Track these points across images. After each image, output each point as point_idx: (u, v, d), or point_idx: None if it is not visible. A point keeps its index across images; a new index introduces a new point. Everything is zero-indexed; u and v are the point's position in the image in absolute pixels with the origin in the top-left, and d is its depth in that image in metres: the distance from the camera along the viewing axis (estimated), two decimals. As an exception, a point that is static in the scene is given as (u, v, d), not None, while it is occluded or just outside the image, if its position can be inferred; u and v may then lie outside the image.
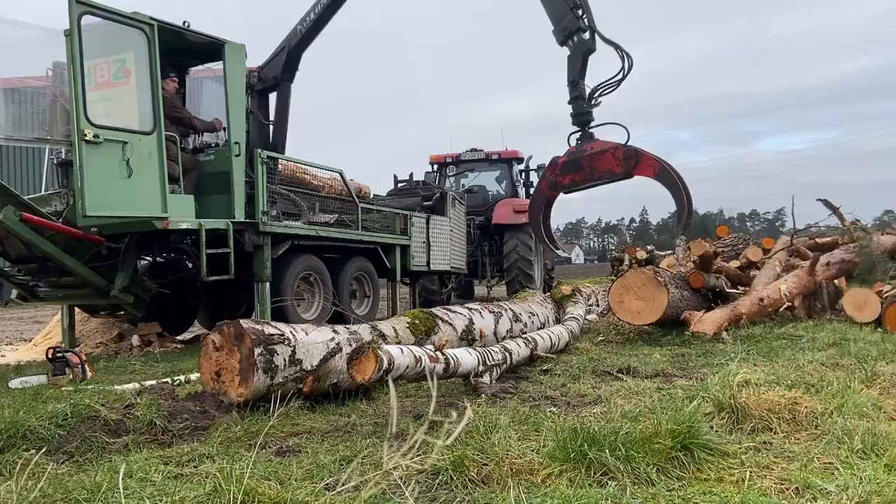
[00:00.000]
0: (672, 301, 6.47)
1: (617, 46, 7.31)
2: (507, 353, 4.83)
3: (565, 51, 7.46)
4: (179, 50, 7.73)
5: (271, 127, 9.51)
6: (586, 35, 7.34)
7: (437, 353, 4.00)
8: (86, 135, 6.09)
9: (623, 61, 7.30)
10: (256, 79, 9.50)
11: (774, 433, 3.05)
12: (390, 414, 1.93)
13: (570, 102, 7.45)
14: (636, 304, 6.56)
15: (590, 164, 6.92)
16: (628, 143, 6.98)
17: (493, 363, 4.55)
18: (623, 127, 7.44)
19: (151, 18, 6.74)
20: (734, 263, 8.90)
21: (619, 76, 7.29)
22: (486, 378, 4.42)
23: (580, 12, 7.36)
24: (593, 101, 7.47)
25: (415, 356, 3.78)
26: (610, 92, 7.42)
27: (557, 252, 6.74)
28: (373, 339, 4.53)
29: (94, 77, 6.59)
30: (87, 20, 6.24)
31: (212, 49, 7.78)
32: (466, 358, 4.25)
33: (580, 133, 7.34)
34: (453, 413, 1.77)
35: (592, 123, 7.38)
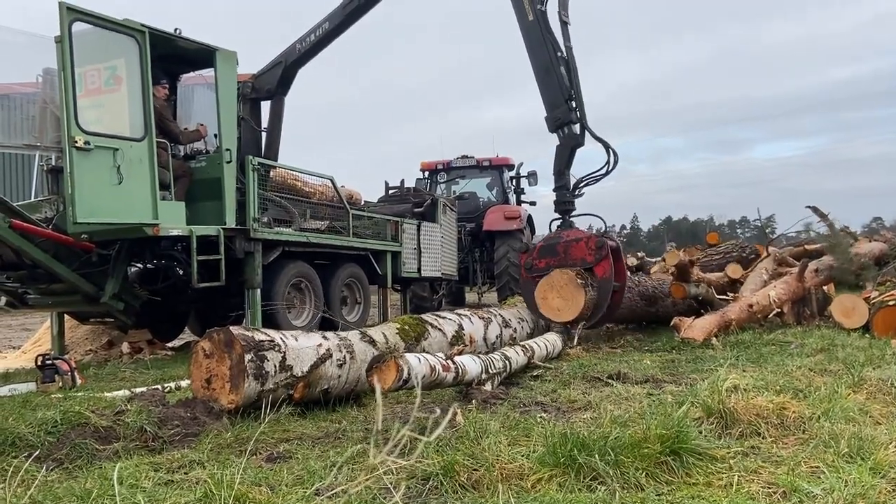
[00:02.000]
0: (590, 302, 6.79)
1: (604, 143, 7.62)
2: (507, 362, 4.87)
3: (554, 138, 7.70)
4: (171, 57, 7.72)
5: (264, 136, 9.49)
6: (576, 129, 7.57)
7: (449, 361, 4.04)
8: (76, 141, 6.08)
9: (609, 156, 7.60)
10: (251, 88, 9.49)
11: (762, 438, 3.08)
12: (376, 412, 1.95)
13: (554, 191, 7.72)
14: (557, 303, 6.88)
15: (565, 250, 7.24)
16: (602, 235, 7.32)
17: (494, 371, 4.59)
18: (600, 218, 7.92)
19: (143, 25, 6.74)
20: (717, 274, 8.94)
21: (604, 170, 7.60)
22: (487, 386, 4.46)
23: (574, 104, 7.57)
24: (577, 192, 7.72)
25: (430, 365, 3.84)
26: (593, 184, 7.76)
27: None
28: (393, 347, 4.56)
29: (84, 84, 6.57)
30: (78, 27, 6.23)
31: (203, 56, 7.78)
32: (472, 366, 4.31)
33: (560, 221, 7.64)
34: (437, 410, 1.78)
35: (574, 213, 7.68)
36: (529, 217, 15.02)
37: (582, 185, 7.70)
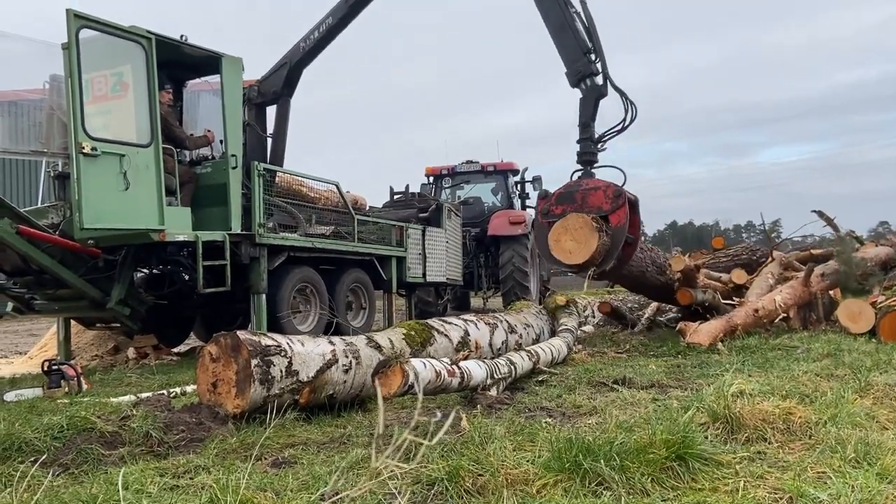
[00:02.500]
0: (602, 247, 6.77)
1: (623, 94, 7.62)
2: (512, 367, 4.86)
3: (577, 92, 7.71)
4: (177, 63, 7.77)
5: (269, 140, 9.52)
6: (599, 80, 7.59)
7: (454, 366, 4.04)
8: (83, 147, 6.11)
9: (627, 109, 7.63)
10: (256, 92, 9.53)
11: (769, 443, 3.07)
12: (378, 416, 1.95)
13: (578, 142, 7.72)
14: (570, 245, 6.87)
15: (582, 198, 7.22)
16: (621, 186, 7.27)
17: (500, 376, 4.58)
18: (621, 171, 7.82)
19: (149, 32, 6.78)
20: (723, 277, 8.91)
21: (626, 121, 7.65)
22: (493, 391, 4.45)
23: (594, 57, 7.61)
24: (600, 145, 7.72)
25: (435, 370, 3.84)
26: (613, 137, 7.79)
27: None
28: (399, 353, 4.56)
29: (91, 90, 6.62)
30: (85, 34, 6.28)
31: (209, 62, 7.82)
32: (477, 371, 4.31)
33: (581, 171, 7.62)
34: (439, 414, 1.78)
35: (596, 165, 7.67)
36: (534, 222, 15.01)
37: (606, 138, 7.73)
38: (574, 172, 7.70)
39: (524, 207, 15.71)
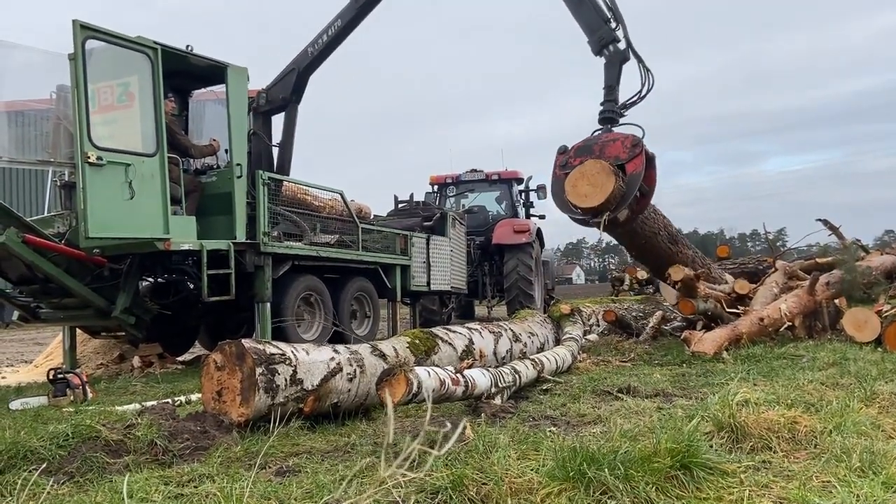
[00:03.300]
0: (618, 191, 6.92)
1: (641, 61, 7.87)
2: (516, 375, 4.85)
3: (600, 60, 7.95)
4: (183, 73, 7.82)
5: (275, 149, 9.55)
6: (621, 45, 7.84)
7: (458, 375, 4.04)
8: (89, 157, 6.14)
9: (645, 77, 7.86)
10: (264, 100, 9.54)
11: (774, 452, 3.06)
12: (387, 425, 1.95)
13: (602, 104, 7.93)
14: (586, 189, 7.06)
15: (601, 149, 7.39)
16: (641, 138, 7.48)
17: (504, 385, 4.58)
18: (640, 127, 7.96)
19: (155, 42, 6.83)
20: (723, 288, 8.88)
21: (641, 93, 7.91)
22: (497, 400, 4.45)
23: (614, 24, 7.85)
24: (623, 111, 7.94)
25: (439, 378, 3.83)
26: (634, 105, 8.03)
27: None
28: (403, 361, 4.55)
29: (97, 100, 6.66)
30: (91, 44, 6.32)
31: (215, 72, 7.86)
32: (481, 379, 4.30)
33: (601, 130, 7.84)
34: (448, 423, 1.78)
35: (616, 126, 7.88)
36: (539, 230, 15.02)
37: (627, 107, 7.93)
38: (595, 131, 7.88)
39: (528, 216, 15.73)
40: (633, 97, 7.91)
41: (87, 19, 6.28)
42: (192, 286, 7.90)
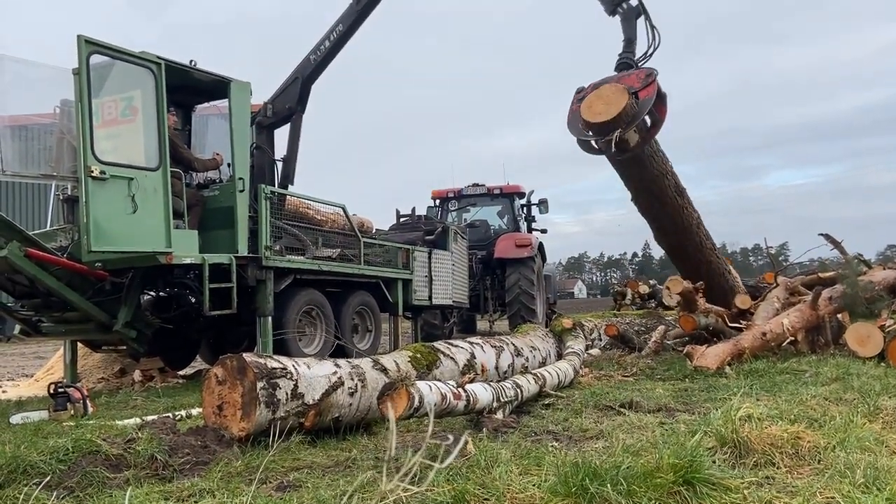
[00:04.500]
0: (630, 109, 7.47)
1: (649, 18, 8.44)
2: (518, 390, 4.84)
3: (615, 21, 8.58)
4: (186, 88, 7.86)
5: (279, 163, 9.56)
6: (633, 2, 8.43)
7: (460, 389, 4.03)
8: (92, 171, 6.16)
9: (652, 35, 8.44)
10: (271, 111, 9.55)
11: (777, 468, 3.04)
12: (389, 439, 1.94)
13: (620, 55, 8.54)
14: (600, 107, 7.59)
15: (618, 80, 7.90)
16: (655, 72, 8.06)
17: (506, 400, 4.56)
18: (654, 70, 8.46)
19: (158, 58, 6.87)
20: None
21: (647, 52, 8.48)
22: (499, 414, 4.43)
23: None
24: (639, 64, 8.51)
25: (441, 393, 3.82)
26: (647, 60, 8.57)
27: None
28: (405, 375, 4.54)
29: (101, 114, 6.69)
30: (95, 59, 6.36)
31: (218, 86, 7.91)
32: (483, 394, 4.28)
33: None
34: (449, 437, 1.78)
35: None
36: (540, 245, 15.03)
37: (640, 63, 8.45)
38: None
39: (530, 230, 15.74)
40: (640, 56, 8.49)
41: (93, 32, 6.33)
42: (193, 300, 7.90)
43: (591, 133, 7.85)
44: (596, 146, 8.09)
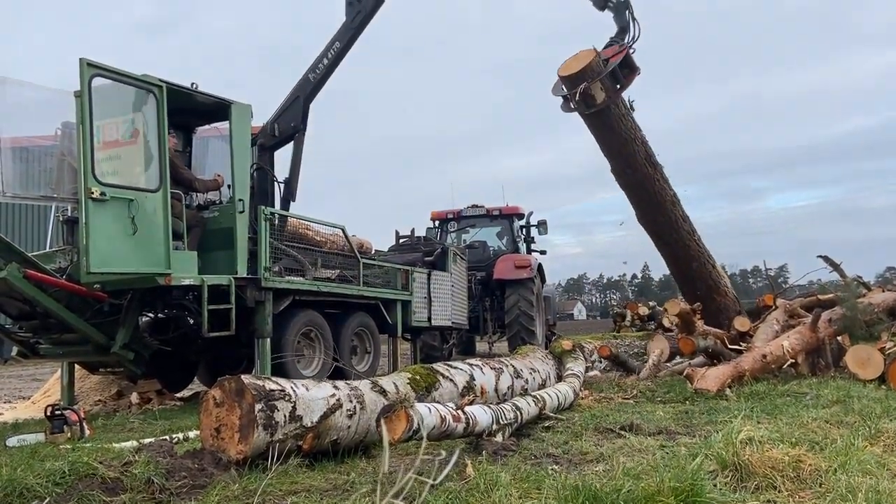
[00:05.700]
0: (596, 63, 8.98)
1: (631, 11, 9.56)
2: (518, 412, 4.81)
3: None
4: (187, 110, 7.91)
5: (280, 184, 9.58)
6: None
7: (459, 412, 4.01)
8: (92, 193, 6.17)
9: (632, 26, 9.54)
10: (276, 131, 9.54)
11: (778, 491, 3.02)
12: (382, 457, 1.93)
13: (611, 38, 9.73)
14: (572, 64, 9.03)
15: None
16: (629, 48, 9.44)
17: (506, 422, 4.54)
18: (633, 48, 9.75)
19: (160, 80, 6.91)
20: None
21: (627, 40, 9.60)
22: (498, 437, 4.41)
23: None
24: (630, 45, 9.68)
25: (440, 415, 3.80)
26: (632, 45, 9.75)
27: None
28: (404, 397, 4.52)
29: (102, 136, 6.72)
30: (97, 82, 6.40)
31: (219, 109, 7.96)
32: (482, 416, 4.26)
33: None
34: (443, 452, 1.77)
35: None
36: (540, 266, 15.03)
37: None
38: (606, 46, 9.73)
39: (530, 251, 15.75)
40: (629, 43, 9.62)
41: (95, 54, 6.38)
42: (191, 321, 7.88)
43: (564, 89, 9.14)
44: (572, 106, 9.28)
